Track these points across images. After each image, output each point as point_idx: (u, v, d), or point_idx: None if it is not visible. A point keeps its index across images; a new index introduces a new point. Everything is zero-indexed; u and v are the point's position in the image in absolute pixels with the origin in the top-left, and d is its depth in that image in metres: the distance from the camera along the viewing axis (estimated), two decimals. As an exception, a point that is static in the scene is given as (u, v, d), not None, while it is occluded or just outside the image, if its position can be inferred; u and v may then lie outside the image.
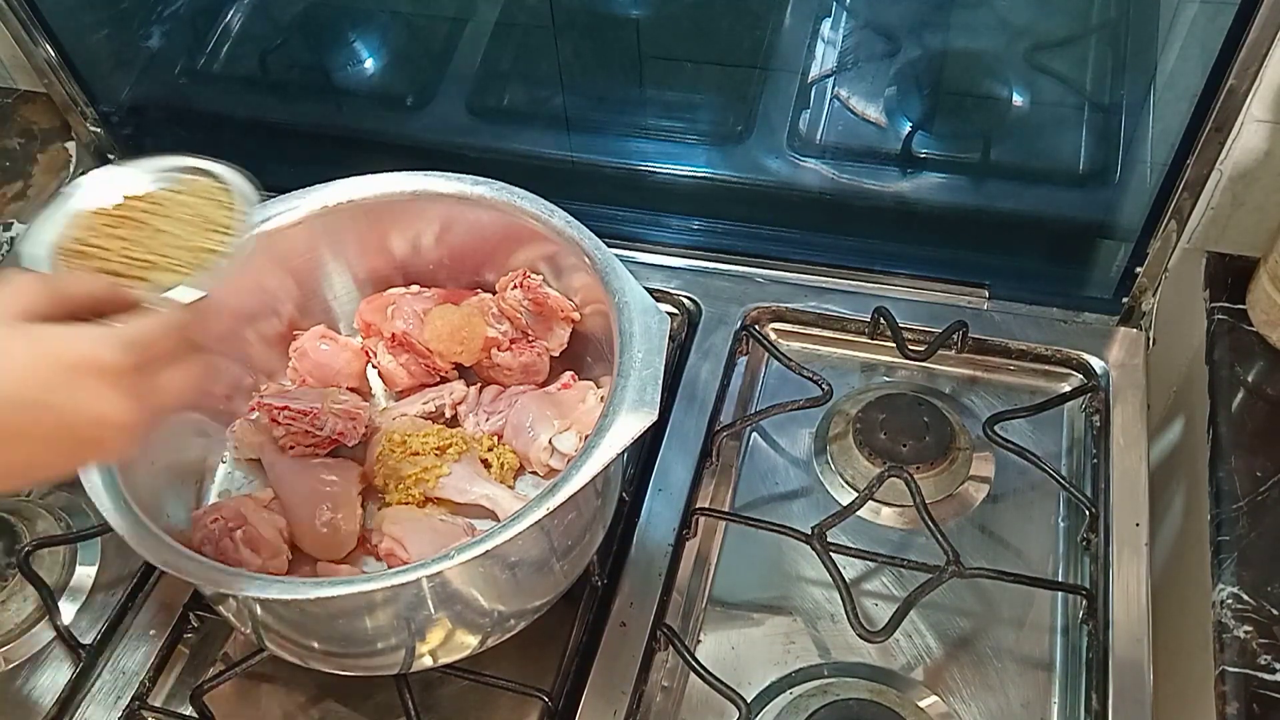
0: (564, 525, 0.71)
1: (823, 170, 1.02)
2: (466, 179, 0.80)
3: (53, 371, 0.50)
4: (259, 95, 1.16)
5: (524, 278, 0.83)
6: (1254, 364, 0.83)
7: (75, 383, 0.51)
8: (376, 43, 1.11)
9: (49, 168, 1.15)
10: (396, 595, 0.65)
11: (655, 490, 0.86)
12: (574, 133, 1.07)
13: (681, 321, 0.98)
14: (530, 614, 0.75)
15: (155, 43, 1.13)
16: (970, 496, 0.87)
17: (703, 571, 0.85)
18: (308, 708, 0.79)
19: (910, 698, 0.76)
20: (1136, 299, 0.93)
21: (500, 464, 0.82)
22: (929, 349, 0.91)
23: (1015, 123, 0.99)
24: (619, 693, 0.76)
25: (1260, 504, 0.76)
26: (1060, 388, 0.93)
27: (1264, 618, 0.71)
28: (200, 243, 0.65)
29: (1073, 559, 0.83)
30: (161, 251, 0.64)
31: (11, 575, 0.83)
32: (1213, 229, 0.87)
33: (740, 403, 0.94)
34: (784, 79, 1.04)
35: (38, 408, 0.50)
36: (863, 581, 0.83)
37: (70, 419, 0.51)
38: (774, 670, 0.79)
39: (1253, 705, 0.67)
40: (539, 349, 0.85)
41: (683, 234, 1.04)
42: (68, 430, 0.51)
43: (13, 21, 1.02)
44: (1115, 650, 0.75)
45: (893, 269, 0.98)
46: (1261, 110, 0.78)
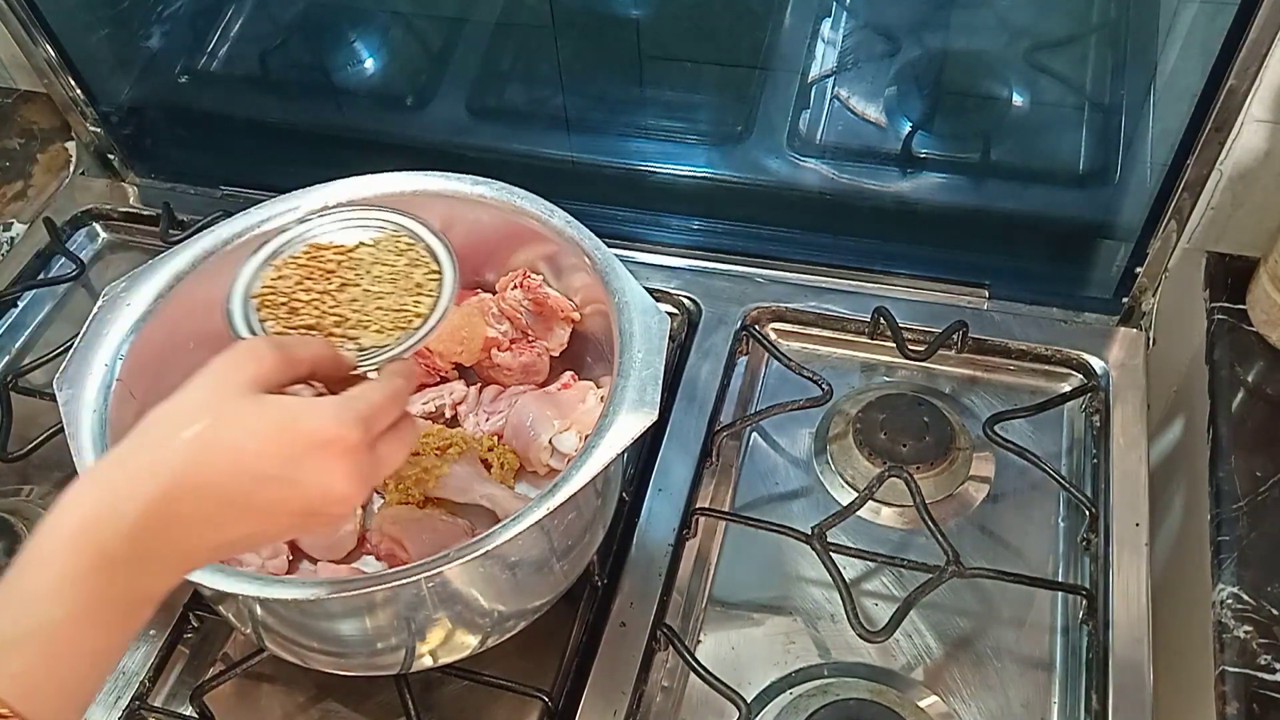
0: (564, 525, 0.71)
1: (823, 170, 1.02)
2: (466, 179, 0.80)
3: (296, 447, 0.51)
4: (259, 95, 1.16)
5: (524, 278, 0.83)
6: (1254, 364, 0.83)
7: (316, 459, 0.51)
8: (376, 43, 1.11)
9: (49, 168, 1.15)
10: (396, 595, 0.65)
11: (655, 490, 0.86)
12: (574, 133, 1.07)
13: (681, 321, 0.98)
14: (530, 614, 0.75)
15: (155, 43, 1.13)
16: (970, 496, 0.87)
17: (703, 571, 0.85)
18: (308, 708, 0.79)
19: (910, 698, 0.76)
20: (1136, 299, 0.93)
21: (500, 464, 0.82)
22: (929, 349, 0.91)
23: (1015, 123, 0.99)
24: (619, 693, 0.76)
25: (1260, 504, 0.76)
26: (1060, 388, 0.93)
27: (1264, 618, 0.71)
28: (402, 303, 0.66)
29: (1073, 559, 0.83)
30: (367, 312, 0.66)
31: (11, 575, 0.83)
32: (1213, 229, 0.87)
33: (740, 403, 0.94)
34: (784, 79, 1.03)
35: (278, 482, 0.50)
36: (863, 581, 0.83)
37: (305, 493, 0.51)
38: (774, 670, 0.79)
39: (1253, 705, 0.67)
40: (539, 349, 0.85)
41: (683, 234, 1.04)
42: (301, 504, 0.51)
43: (13, 21, 1.02)
44: (1115, 650, 0.75)
45: (893, 269, 0.98)
46: (1261, 110, 0.78)
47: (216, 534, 0.50)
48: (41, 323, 1.06)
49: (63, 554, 0.47)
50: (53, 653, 0.46)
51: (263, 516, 0.51)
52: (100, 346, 0.72)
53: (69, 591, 0.46)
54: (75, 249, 1.09)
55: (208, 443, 0.50)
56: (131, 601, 0.49)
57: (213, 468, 0.49)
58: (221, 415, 0.51)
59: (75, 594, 0.46)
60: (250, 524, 0.51)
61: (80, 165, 1.16)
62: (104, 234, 1.13)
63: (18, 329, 1.05)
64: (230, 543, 0.52)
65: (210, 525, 0.50)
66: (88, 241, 1.12)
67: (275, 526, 0.52)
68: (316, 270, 0.68)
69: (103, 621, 0.47)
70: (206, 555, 0.52)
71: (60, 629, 0.46)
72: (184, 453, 0.49)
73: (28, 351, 1.03)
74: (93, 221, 1.13)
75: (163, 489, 0.48)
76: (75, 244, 1.10)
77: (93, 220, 1.13)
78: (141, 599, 0.49)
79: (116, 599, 0.48)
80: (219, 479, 0.49)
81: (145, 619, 0.50)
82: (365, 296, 0.67)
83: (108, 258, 1.12)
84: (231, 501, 0.50)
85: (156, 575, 0.49)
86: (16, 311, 1.05)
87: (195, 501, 0.49)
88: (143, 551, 0.48)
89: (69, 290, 1.07)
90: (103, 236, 1.13)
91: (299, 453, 0.51)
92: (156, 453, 0.49)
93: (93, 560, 0.47)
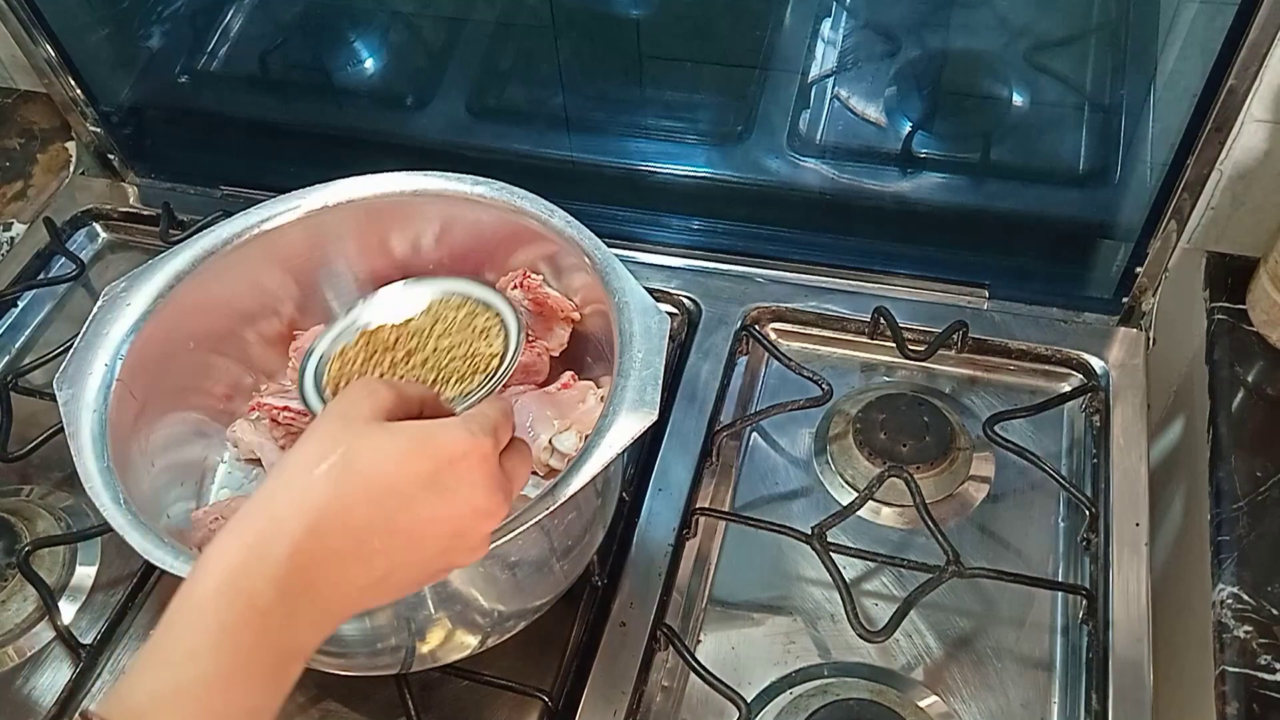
0: (564, 525, 0.71)
1: (823, 170, 1.02)
2: (466, 179, 0.80)
3: (434, 463, 0.50)
4: (259, 95, 1.16)
5: (524, 278, 0.83)
6: (1254, 364, 0.83)
7: (455, 472, 0.51)
8: (376, 43, 1.11)
9: (49, 168, 1.15)
10: (396, 595, 0.65)
11: (655, 490, 0.86)
12: (574, 133, 1.07)
13: (681, 321, 0.98)
14: (530, 614, 0.75)
15: (155, 43, 1.13)
16: (970, 496, 0.87)
17: (703, 571, 0.85)
18: (308, 708, 0.78)
19: (910, 698, 0.76)
20: (1136, 299, 0.93)
21: (500, 464, 0.82)
22: (929, 349, 0.91)
23: (1015, 123, 0.99)
24: (619, 693, 0.76)
25: (1260, 504, 0.76)
26: (1060, 388, 0.93)
27: (1264, 618, 0.71)
28: (474, 349, 0.70)
29: (1073, 559, 0.83)
30: (442, 366, 0.69)
31: (11, 575, 0.83)
32: (1213, 229, 0.87)
33: (740, 403, 0.94)
34: (784, 79, 1.03)
35: (422, 502, 0.50)
36: (863, 581, 0.83)
37: (452, 510, 0.51)
38: (774, 670, 0.79)
39: (1253, 705, 0.67)
40: (539, 349, 0.85)
41: (683, 234, 1.04)
42: (449, 523, 0.51)
43: (13, 21, 1.02)
44: (1115, 650, 0.75)
45: (893, 269, 0.98)
46: (1261, 110, 0.78)
47: (365, 570, 0.49)
48: (41, 323, 1.06)
49: (212, 607, 0.46)
50: (208, 710, 0.44)
51: (410, 543, 0.50)
52: (100, 346, 0.72)
53: (222, 645, 0.45)
54: (75, 249, 1.09)
55: (346, 472, 0.49)
56: (282, 655, 0.47)
57: (354, 496, 0.48)
58: (354, 445, 0.50)
59: (228, 648, 0.45)
60: (398, 553, 0.50)
61: (80, 165, 1.16)
62: (104, 234, 1.13)
63: (18, 329, 1.05)
64: (377, 580, 0.50)
65: (358, 560, 0.49)
66: (88, 241, 1.12)
67: (421, 555, 0.51)
68: (379, 348, 0.71)
69: (256, 677, 0.46)
70: (355, 599, 0.50)
71: (213, 685, 0.45)
72: (323, 486, 0.48)
73: (28, 351, 1.03)
74: (93, 221, 1.13)
75: (308, 525, 0.47)
76: (75, 244, 1.10)
77: (93, 220, 1.13)
78: (292, 652, 0.48)
79: (268, 653, 0.47)
80: (362, 507, 0.48)
81: (295, 676, 0.48)
82: (435, 355, 0.70)
83: (108, 258, 1.12)
84: (377, 529, 0.49)
85: (306, 626, 0.48)
86: (16, 311, 1.05)
87: (341, 534, 0.48)
88: (292, 598, 0.47)
89: (69, 290, 1.07)
90: (103, 236, 1.13)
91: (438, 468, 0.50)
92: (295, 492, 0.49)
93: (243, 613, 0.46)
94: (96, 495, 0.65)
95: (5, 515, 0.87)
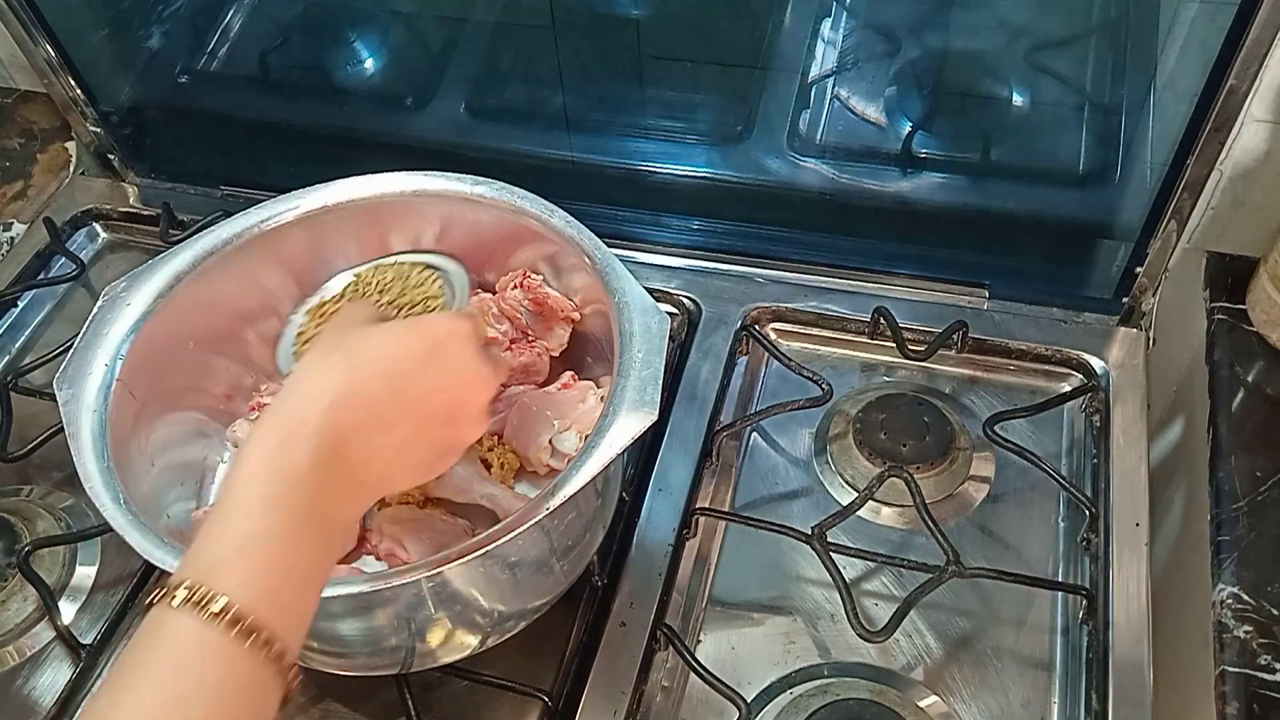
0: (564, 525, 0.71)
1: (823, 170, 1.02)
2: (466, 179, 0.80)
3: (427, 342, 0.58)
4: (259, 95, 1.16)
5: (524, 278, 0.83)
6: (1254, 364, 0.83)
7: (448, 347, 0.58)
8: (376, 43, 1.11)
9: (49, 168, 1.15)
10: (396, 595, 0.65)
11: (655, 490, 0.86)
12: (574, 133, 1.07)
13: (681, 321, 0.98)
14: (530, 614, 0.75)
15: (155, 43, 1.13)
16: (970, 496, 0.87)
17: (703, 571, 0.85)
18: (308, 708, 0.78)
19: (910, 698, 0.76)
20: (1136, 299, 0.93)
21: (500, 464, 0.82)
22: (929, 349, 0.91)
23: (1015, 123, 0.99)
24: (619, 693, 0.76)
25: (1260, 504, 0.76)
26: (1060, 388, 0.93)
27: (1264, 618, 0.71)
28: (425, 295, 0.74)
29: (1073, 559, 0.83)
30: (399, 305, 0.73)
31: (11, 575, 0.83)
32: (1213, 229, 0.87)
33: (740, 403, 0.94)
34: (784, 79, 1.03)
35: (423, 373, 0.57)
36: (863, 581, 0.83)
37: (449, 379, 0.58)
38: (774, 670, 0.79)
39: (1253, 705, 0.67)
40: (539, 349, 0.85)
41: (683, 234, 1.04)
42: (448, 392, 0.58)
43: (13, 21, 1.02)
44: (1115, 650, 0.75)
45: (893, 269, 0.98)
46: (1261, 110, 0.78)
47: (385, 438, 0.55)
48: (41, 323, 1.06)
49: (260, 481, 0.51)
50: (271, 561, 0.49)
51: (419, 412, 0.56)
52: (100, 346, 0.72)
53: (275, 507, 0.50)
54: (75, 249, 1.09)
55: (352, 357, 0.56)
56: (327, 521, 0.52)
57: (363, 374, 0.55)
58: (355, 337, 0.58)
59: (281, 509, 0.50)
60: (410, 421, 0.56)
61: (80, 165, 1.16)
62: (104, 234, 1.13)
63: (18, 329, 1.05)
64: (398, 450, 0.55)
65: (377, 428, 0.54)
66: (88, 241, 1.12)
67: (431, 425, 0.57)
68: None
69: (306, 538, 0.51)
70: (382, 471, 0.56)
71: (273, 541, 0.49)
72: (336, 371, 0.55)
73: (28, 351, 1.03)
74: (93, 221, 1.13)
75: (328, 404, 0.53)
76: (75, 244, 1.10)
77: (93, 220, 1.13)
78: (336, 519, 0.54)
79: (315, 517, 0.51)
80: (371, 383, 0.55)
81: (341, 544, 0.56)
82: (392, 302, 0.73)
83: (108, 258, 1.12)
84: (388, 400, 0.55)
85: (345, 495, 0.54)
86: (16, 311, 1.05)
87: (358, 408, 0.54)
88: (327, 467, 0.52)
89: (69, 290, 1.07)
90: (103, 236, 1.13)
91: (430, 346, 0.58)
92: (312, 382, 0.55)
93: (288, 480, 0.51)
94: (96, 495, 0.65)
95: (5, 515, 0.87)
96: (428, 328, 0.60)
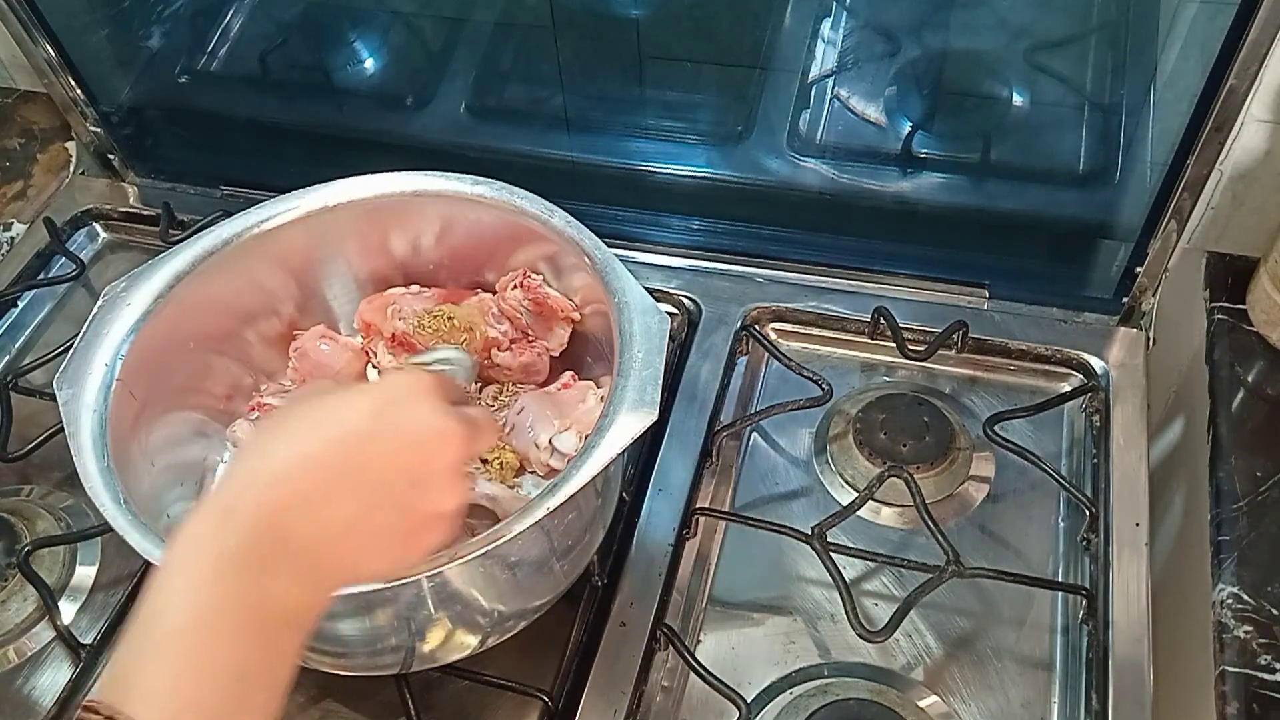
0: (564, 525, 0.71)
1: (823, 170, 1.02)
2: (466, 179, 0.80)
3: (381, 399, 0.51)
4: (259, 95, 1.16)
5: (524, 278, 0.83)
6: (1254, 364, 0.83)
7: (407, 404, 0.52)
8: (376, 43, 1.11)
9: (49, 168, 1.15)
10: (396, 595, 0.65)
11: (655, 490, 0.86)
12: (574, 133, 1.07)
13: (681, 321, 0.98)
14: (530, 614, 0.75)
15: (155, 43, 1.13)
16: (970, 496, 0.87)
17: (703, 571, 0.85)
18: (308, 708, 0.78)
19: (910, 698, 0.76)
20: (1136, 299, 0.93)
21: (500, 464, 0.82)
22: (929, 349, 0.91)
23: (1015, 123, 0.99)
24: (619, 693, 0.76)
25: (1260, 504, 0.76)
26: (1060, 388, 0.93)
27: (1264, 618, 0.71)
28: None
29: (1073, 559, 0.83)
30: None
31: (11, 575, 0.83)
32: (1213, 229, 0.87)
33: (740, 403, 0.94)
34: (784, 79, 1.03)
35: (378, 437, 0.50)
36: (863, 581, 0.83)
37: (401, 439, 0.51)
38: (774, 670, 0.79)
39: (1253, 705, 0.67)
40: (539, 349, 0.85)
41: (683, 234, 1.04)
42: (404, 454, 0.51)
43: (13, 21, 1.02)
44: (1115, 650, 0.75)
45: (893, 269, 0.98)
46: (1261, 110, 0.78)
47: (332, 511, 0.48)
48: (41, 323, 1.06)
49: (181, 568, 0.46)
50: (182, 666, 0.44)
51: (373, 480, 0.50)
52: (100, 346, 0.72)
53: (192, 598, 0.45)
54: (75, 249, 1.09)
55: (301, 425, 0.50)
56: (265, 611, 0.46)
57: (310, 443, 0.49)
58: (302, 409, 0.51)
59: (201, 602, 0.45)
60: (364, 492, 0.49)
61: (80, 165, 1.16)
62: (104, 234, 1.13)
63: (18, 329, 1.05)
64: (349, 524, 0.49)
65: (323, 502, 0.48)
66: (88, 241, 1.12)
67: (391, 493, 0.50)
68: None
69: (237, 633, 0.45)
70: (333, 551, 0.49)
71: (183, 639, 0.44)
72: (279, 441, 0.49)
73: (28, 351, 1.03)
74: (93, 221, 1.13)
75: (269, 478, 0.48)
76: (75, 244, 1.10)
77: (93, 220, 1.13)
78: (276, 610, 0.47)
79: (245, 608, 0.45)
80: (318, 452, 0.49)
81: (290, 641, 0.47)
82: None
83: (108, 258, 1.12)
84: (335, 468, 0.49)
85: (288, 581, 0.47)
86: (16, 311, 1.05)
87: (301, 479, 0.48)
88: (263, 550, 0.46)
89: (69, 290, 1.07)
90: (103, 236, 1.13)
91: (382, 404, 0.51)
92: (253, 456, 0.50)
93: (213, 566, 0.45)
94: (96, 495, 0.65)
95: (5, 515, 0.87)
96: (379, 386, 0.54)
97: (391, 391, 0.52)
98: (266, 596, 0.46)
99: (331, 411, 0.51)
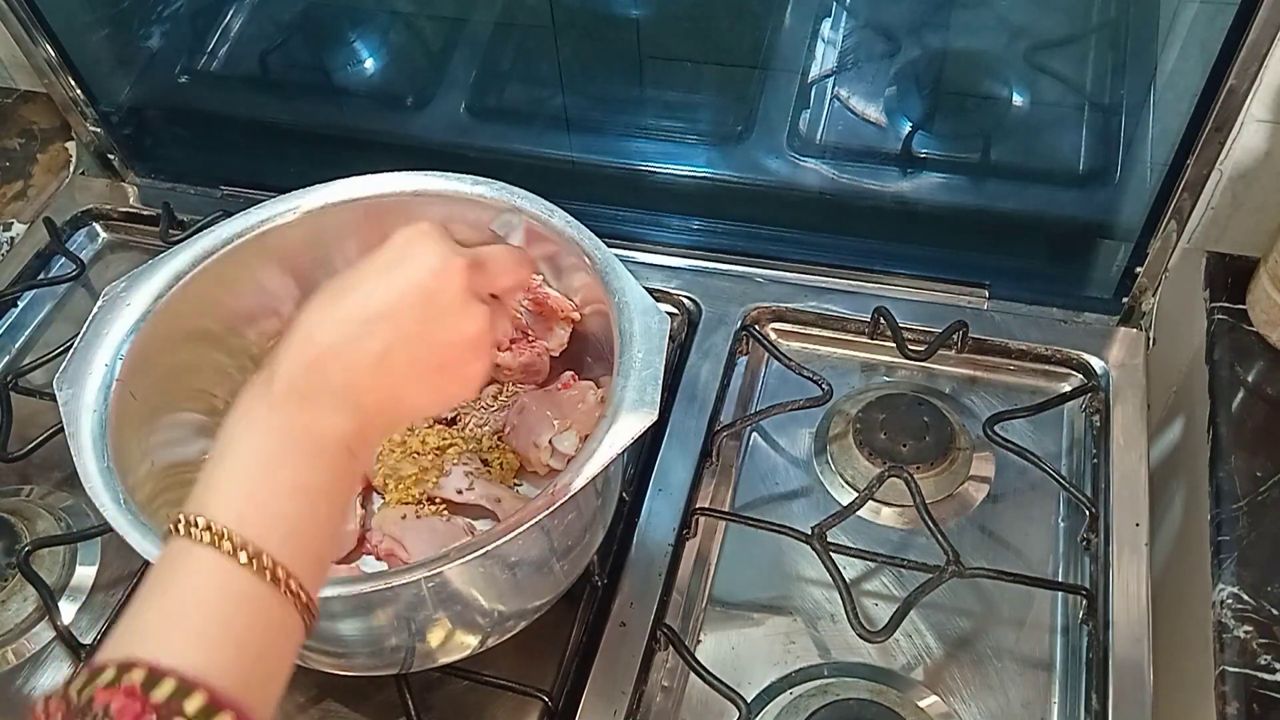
0: (564, 525, 0.71)
1: (823, 170, 1.02)
2: (466, 179, 0.80)
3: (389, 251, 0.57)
4: (259, 95, 1.16)
5: (524, 278, 0.83)
6: (1254, 364, 0.83)
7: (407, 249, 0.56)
8: (376, 43, 1.11)
9: (49, 168, 1.15)
10: (396, 595, 0.65)
11: (655, 490, 0.86)
12: (574, 133, 1.07)
13: (681, 321, 0.98)
14: (530, 614, 0.75)
15: (155, 43, 1.13)
16: (970, 496, 0.87)
17: (703, 571, 0.85)
18: (308, 708, 0.78)
19: (910, 698, 0.76)
20: (1136, 299, 0.93)
21: (500, 464, 0.82)
22: (929, 349, 0.91)
23: (1015, 123, 0.99)
24: (619, 693, 0.76)
25: (1260, 504, 0.76)
26: (1060, 388, 0.93)
27: (1264, 618, 0.71)
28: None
29: (1073, 559, 0.83)
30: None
31: (11, 575, 0.83)
32: (1213, 229, 0.87)
33: (740, 403, 0.94)
34: (784, 79, 1.03)
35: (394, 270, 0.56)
36: (863, 581, 0.83)
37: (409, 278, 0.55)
38: (774, 670, 0.79)
39: (1253, 705, 0.67)
40: (539, 349, 0.85)
41: (683, 234, 1.04)
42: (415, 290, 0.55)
43: (13, 21, 1.02)
44: (1115, 650, 0.75)
45: (893, 269, 0.98)
46: (1261, 110, 0.78)
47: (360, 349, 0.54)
48: (41, 323, 1.06)
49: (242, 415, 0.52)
50: (251, 484, 0.50)
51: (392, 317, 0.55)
52: (100, 346, 0.72)
53: (252, 433, 0.52)
54: (75, 249, 1.09)
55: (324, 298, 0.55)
56: (318, 437, 0.52)
57: (334, 298, 0.55)
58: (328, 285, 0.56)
59: (258, 434, 0.52)
60: (385, 328, 0.54)
61: (80, 165, 1.16)
62: (104, 234, 1.13)
63: (18, 329, 1.05)
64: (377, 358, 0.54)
65: (351, 343, 0.54)
66: (88, 241, 1.12)
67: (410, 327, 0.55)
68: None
69: (293, 454, 0.51)
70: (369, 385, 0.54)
71: (248, 463, 0.51)
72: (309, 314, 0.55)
73: (28, 351, 1.03)
74: (93, 221, 1.13)
75: (301, 339, 0.54)
76: (75, 244, 1.10)
77: (93, 220, 1.13)
78: (328, 437, 0.53)
79: (300, 435, 0.52)
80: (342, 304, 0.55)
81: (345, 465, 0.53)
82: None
83: (108, 258, 1.12)
84: (355, 315, 0.54)
85: (329, 412, 0.53)
86: (16, 311, 1.05)
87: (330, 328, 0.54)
88: (305, 389, 0.53)
89: (69, 290, 1.07)
90: (103, 236, 1.13)
91: (392, 255, 0.56)
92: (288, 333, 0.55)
93: (267, 407, 0.52)
94: (96, 495, 0.65)
95: (5, 515, 0.87)
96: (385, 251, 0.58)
97: (394, 252, 0.57)
98: (315, 426, 0.52)
99: (347, 281, 0.56)
